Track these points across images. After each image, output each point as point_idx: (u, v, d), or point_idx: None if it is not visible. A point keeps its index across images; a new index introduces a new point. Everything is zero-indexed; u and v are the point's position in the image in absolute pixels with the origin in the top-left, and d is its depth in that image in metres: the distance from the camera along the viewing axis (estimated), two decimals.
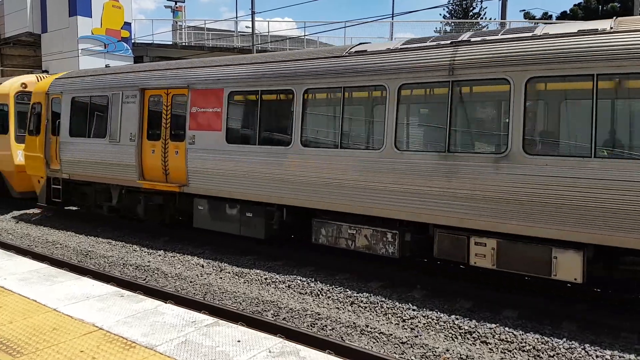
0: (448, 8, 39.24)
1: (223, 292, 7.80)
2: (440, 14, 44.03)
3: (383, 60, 7.76)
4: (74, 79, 12.71)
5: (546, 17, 36.04)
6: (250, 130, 9.49)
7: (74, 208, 13.84)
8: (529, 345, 5.94)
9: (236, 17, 40.41)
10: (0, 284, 5.97)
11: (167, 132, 10.43)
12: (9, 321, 4.81)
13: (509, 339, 6.09)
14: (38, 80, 14.25)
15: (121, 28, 28.96)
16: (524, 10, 38.28)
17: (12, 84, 14.52)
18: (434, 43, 7.57)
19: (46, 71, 26.60)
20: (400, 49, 7.81)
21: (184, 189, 10.08)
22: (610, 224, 6.05)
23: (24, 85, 14.44)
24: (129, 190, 11.41)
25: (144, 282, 8.26)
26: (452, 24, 34.87)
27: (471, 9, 38.79)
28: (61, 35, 27.46)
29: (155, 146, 10.61)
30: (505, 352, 5.85)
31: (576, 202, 6.23)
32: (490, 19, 38.08)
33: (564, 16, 34.49)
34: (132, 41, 29.95)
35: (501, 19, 24.74)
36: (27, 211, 14.51)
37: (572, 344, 5.91)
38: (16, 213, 14.37)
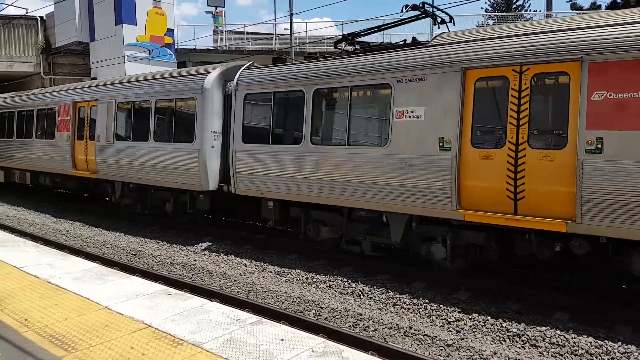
0: (490, 1, 38.22)
1: (266, 291, 7.89)
2: (482, 8, 42.92)
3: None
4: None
5: (594, 7, 34.44)
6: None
7: None
8: (582, 349, 5.69)
9: (274, 20, 40.86)
10: (56, 282, 6.27)
11: None
12: (64, 318, 5.03)
13: (560, 343, 5.86)
14: None
15: (164, 34, 29.74)
16: (571, 0, 36.66)
17: None
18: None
19: (95, 78, 27.72)
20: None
21: None
22: None
23: None
24: None
25: (190, 280, 8.46)
26: (495, 18, 33.93)
27: (514, 0, 37.67)
28: (108, 43, 28.51)
29: None
30: (556, 356, 5.63)
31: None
32: (535, 10, 36.85)
33: (613, 6, 32.85)
34: (175, 47, 30.74)
35: (547, 10, 23.80)
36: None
37: (628, 348, 5.63)
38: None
